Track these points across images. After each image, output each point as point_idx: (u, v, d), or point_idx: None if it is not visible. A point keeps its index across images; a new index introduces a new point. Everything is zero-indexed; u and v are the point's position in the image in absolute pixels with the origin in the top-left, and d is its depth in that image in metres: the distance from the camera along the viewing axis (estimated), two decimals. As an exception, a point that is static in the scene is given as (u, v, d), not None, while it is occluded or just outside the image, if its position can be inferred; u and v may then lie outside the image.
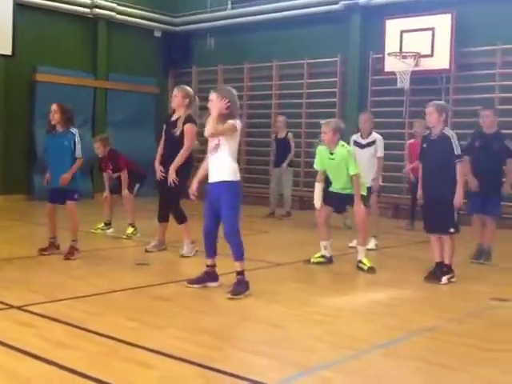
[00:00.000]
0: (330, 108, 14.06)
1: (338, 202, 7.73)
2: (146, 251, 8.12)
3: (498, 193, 8.05)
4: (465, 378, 4.16)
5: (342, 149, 7.51)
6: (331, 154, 7.54)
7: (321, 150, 7.69)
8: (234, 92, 6.15)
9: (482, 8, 12.30)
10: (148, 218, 9.40)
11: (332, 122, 7.63)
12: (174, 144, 7.75)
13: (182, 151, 7.71)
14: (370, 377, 4.12)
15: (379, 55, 13.25)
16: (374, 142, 9.00)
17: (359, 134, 9.11)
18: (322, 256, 7.73)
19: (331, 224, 8.01)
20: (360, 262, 7.47)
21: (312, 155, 8.51)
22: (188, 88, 8.04)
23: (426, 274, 6.99)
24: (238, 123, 6.01)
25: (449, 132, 6.93)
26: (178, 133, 7.73)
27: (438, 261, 7.02)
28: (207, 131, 5.93)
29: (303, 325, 5.22)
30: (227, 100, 5.97)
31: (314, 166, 7.83)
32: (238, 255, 6.06)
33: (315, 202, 7.73)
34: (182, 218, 7.97)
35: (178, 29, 17.05)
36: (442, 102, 7.23)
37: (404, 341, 4.91)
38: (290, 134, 12.44)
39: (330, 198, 7.69)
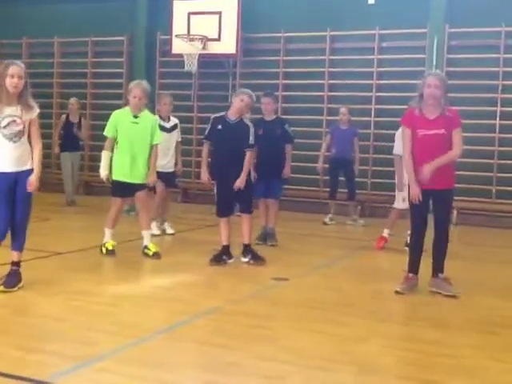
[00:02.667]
0: (117, 89, 13.64)
1: (127, 191, 7.36)
2: None
3: (279, 177, 8.32)
4: (241, 355, 4.21)
5: (148, 114, 7.36)
6: (135, 117, 7.22)
7: (119, 114, 7.31)
8: None
9: (268, -6, 12.66)
10: None
11: (144, 84, 7.36)
12: None
13: None
14: (149, 363, 4.02)
15: (167, 36, 13.08)
16: (176, 126, 8.93)
17: (158, 116, 8.77)
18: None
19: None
20: (145, 247, 7.30)
21: (99, 138, 8.08)
22: None
23: (209, 256, 7.01)
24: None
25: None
26: None
27: (225, 244, 7.06)
28: None
29: (83, 316, 4.97)
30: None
31: (105, 132, 7.34)
32: (22, 245, 5.59)
33: (101, 171, 7.28)
34: None
35: None
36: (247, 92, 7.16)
37: (186, 324, 4.88)
38: (83, 118, 11.82)
39: (121, 189, 7.31)
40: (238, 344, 4.41)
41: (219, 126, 7.00)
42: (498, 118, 11.15)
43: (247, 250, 7.12)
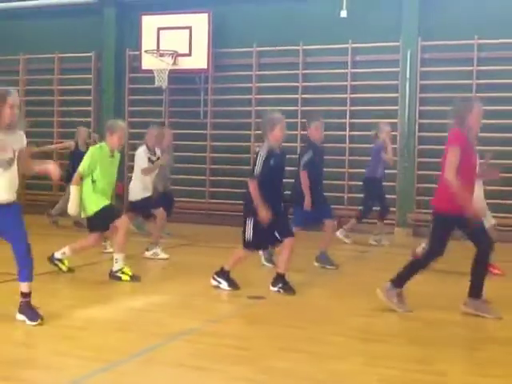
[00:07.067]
0: (85, 106, 13.45)
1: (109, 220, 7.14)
2: None
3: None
4: (221, 377, 4.08)
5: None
6: (112, 156, 7.26)
7: (99, 153, 7.14)
8: None
9: (238, 9, 12.52)
10: None
11: (124, 125, 7.48)
12: None
13: None
14: (122, 389, 3.83)
15: (136, 52, 12.89)
16: (158, 158, 8.74)
17: (145, 148, 8.61)
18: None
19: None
20: (119, 271, 7.01)
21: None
22: None
23: (183, 276, 6.78)
24: None
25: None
26: None
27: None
28: None
29: (52, 341, 4.77)
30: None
31: (81, 169, 7.07)
32: (31, 275, 5.28)
33: (73, 207, 7.01)
34: None
35: None
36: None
37: (162, 347, 4.69)
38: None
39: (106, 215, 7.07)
40: (216, 366, 4.26)
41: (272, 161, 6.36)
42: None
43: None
